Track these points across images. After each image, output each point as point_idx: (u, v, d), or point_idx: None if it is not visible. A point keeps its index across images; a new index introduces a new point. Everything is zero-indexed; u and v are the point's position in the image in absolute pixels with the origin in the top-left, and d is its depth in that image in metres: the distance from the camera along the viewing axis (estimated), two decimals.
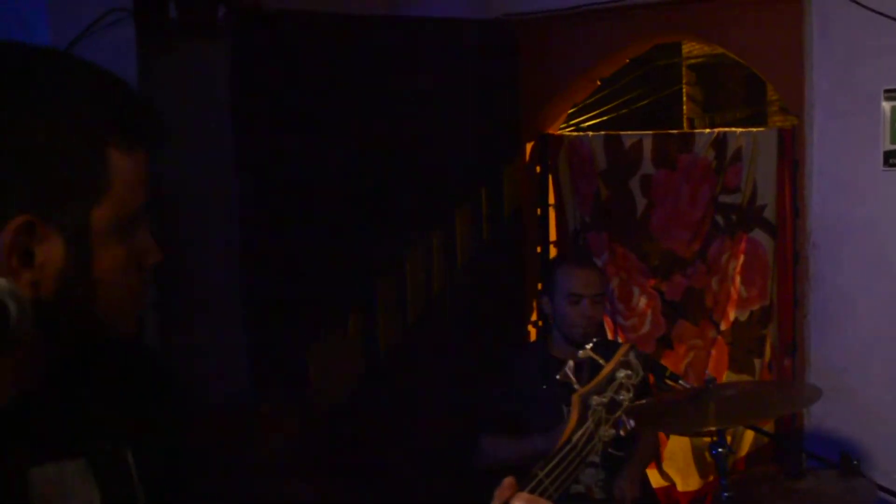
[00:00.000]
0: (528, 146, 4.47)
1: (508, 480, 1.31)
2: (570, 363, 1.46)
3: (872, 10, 3.41)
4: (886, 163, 3.50)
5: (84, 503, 1.03)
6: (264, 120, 3.51)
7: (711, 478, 4.23)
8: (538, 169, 4.52)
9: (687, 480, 4.33)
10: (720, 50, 4.41)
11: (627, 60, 4.39)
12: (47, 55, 1.02)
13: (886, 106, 3.46)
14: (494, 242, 4.19)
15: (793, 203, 3.93)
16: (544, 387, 3.28)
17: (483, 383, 3.46)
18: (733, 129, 4.16)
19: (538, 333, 4.48)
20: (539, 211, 4.56)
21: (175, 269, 3.27)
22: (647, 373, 3.37)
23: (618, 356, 1.45)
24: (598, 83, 4.53)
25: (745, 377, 4.16)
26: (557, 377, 1.48)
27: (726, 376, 4.18)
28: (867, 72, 3.50)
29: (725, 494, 2.79)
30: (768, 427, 4.05)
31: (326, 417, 3.60)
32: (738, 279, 4.12)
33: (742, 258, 4.10)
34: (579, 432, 1.38)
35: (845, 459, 3.26)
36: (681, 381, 3.17)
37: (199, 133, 3.36)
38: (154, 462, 1.12)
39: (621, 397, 1.43)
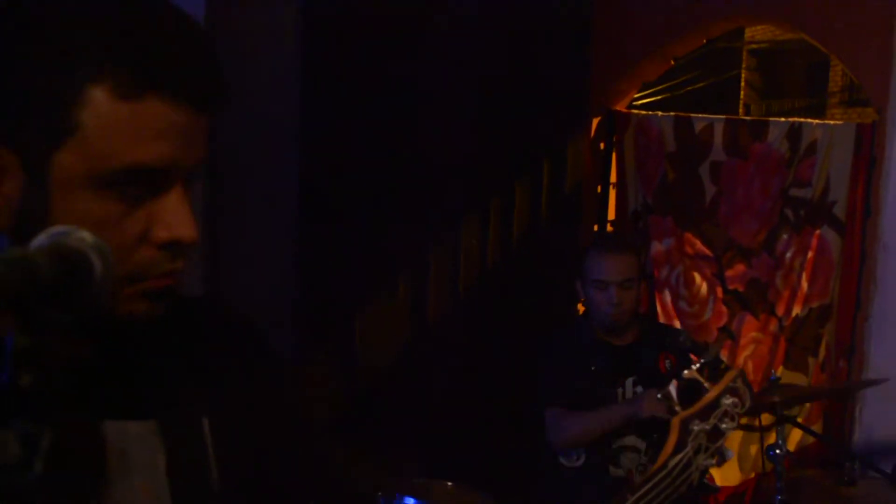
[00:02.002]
0: (595, 121, 4.37)
1: None
2: (674, 382, 1.37)
3: None
4: None
5: (144, 465, 0.98)
6: (333, 83, 3.44)
7: (753, 475, 4.16)
8: (602, 146, 4.43)
9: (726, 475, 4.26)
10: (784, 36, 4.28)
11: (704, 41, 4.27)
12: None
13: None
14: (552, 217, 4.11)
15: (865, 201, 3.82)
16: (592, 368, 3.22)
17: (537, 360, 3.39)
18: (809, 120, 4.03)
19: (584, 311, 4.41)
20: (599, 189, 4.47)
21: (230, 226, 3.24)
22: (693, 356, 3.29)
23: (725, 381, 1.37)
24: (672, 63, 4.41)
25: (798, 375, 4.07)
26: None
27: (780, 372, 4.09)
28: None
29: (779, 497, 2.71)
30: (817, 427, 3.98)
31: (370, 383, 3.57)
32: (804, 275, 4.02)
33: (810, 254, 4.00)
34: (676, 458, 1.30)
35: None
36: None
37: (264, 93, 3.30)
38: (234, 433, 1.06)
39: (725, 426, 1.34)
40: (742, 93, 18.04)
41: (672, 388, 1.37)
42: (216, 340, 1.10)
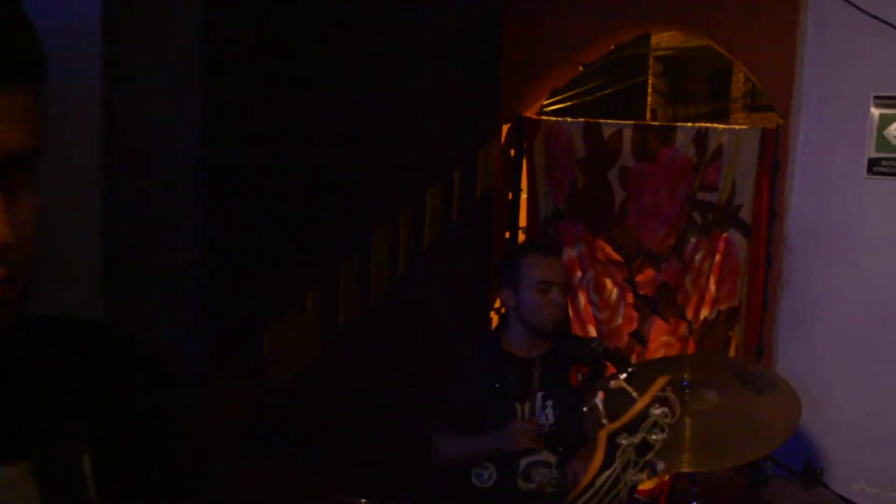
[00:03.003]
0: (505, 128, 4.35)
1: None
2: (601, 394, 1.31)
3: (869, 14, 3.34)
4: (870, 170, 3.44)
5: None
6: (234, 83, 3.33)
7: (667, 477, 4.17)
8: (513, 152, 4.41)
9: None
10: (689, 43, 4.35)
11: (612, 47, 4.29)
12: None
13: (875, 112, 3.40)
14: (463, 225, 4.07)
15: (770, 205, 3.87)
16: (497, 385, 3.18)
17: (439, 378, 3.35)
18: (716, 125, 4.07)
19: (499, 322, 4.39)
20: (510, 195, 4.45)
21: (127, 237, 3.11)
22: (608, 364, 3.29)
23: (654, 389, 1.30)
24: (581, 69, 4.42)
25: None
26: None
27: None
28: (858, 77, 3.45)
29: (694, 502, 2.71)
30: None
31: (280, 396, 3.47)
32: (712, 279, 4.06)
33: (718, 257, 4.04)
34: (604, 475, 1.23)
35: (808, 468, 3.23)
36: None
37: (165, 92, 3.18)
38: (119, 469, 0.96)
39: (654, 437, 1.28)
40: (649, 98, 18.40)
41: (599, 401, 1.31)
42: (97, 366, 1.01)
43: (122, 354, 1.07)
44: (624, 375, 1.35)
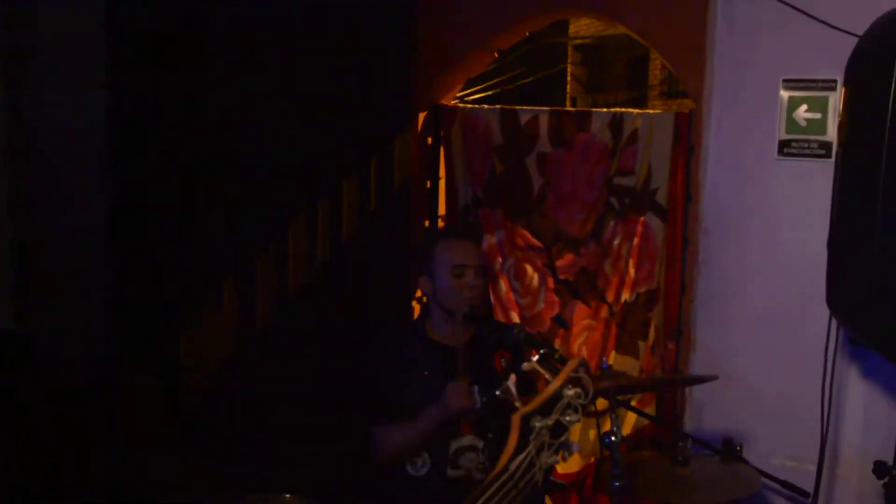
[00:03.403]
0: (421, 116, 4.31)
1: None
2: (513, 377, 1.28)
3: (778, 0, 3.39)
4: (781, 152, 3.49)
5: None
6: (141, 71, 3.23)
7: (592, 459, 4.21)
8: (430, 140, 4.37)
9: (567, 461, 4.29)
10: (607, 31, 4.37)
11: (527, 34, 4.28)
12: None
13: (784, 95, 3.45)
14: (382, 214, 4.04)
15: (685, 188, 3.91)
16: (426, 372, 3.15)
17: (369, 370, 3.30)
18: (630, 109, 4.10)
19: (422, 311, 4.35)
20: (429, 183, 4.41)
21: (35, 235, 3.00)
22: (531, 349, 3.29)
23: (566, 371, 1.28)
24: (496, 55, 4.40)
25: (630, 359, 4.14)
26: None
27: (612, 357, 4.16)
28: (767, 61, 3.49)
29: (617, 484, 2.71)
30: (650, 409, 4.05)
31: (198, 394, 3.39)
32: (631, 262, 4.09)
33: (636, 241, 4.07)
34: (518, 458, 1.20)
35: (727, 445, 3.26)
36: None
37: (71, 82, 3.07)
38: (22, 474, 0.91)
39: (568, 419, 1.26)
40: (568, 87, 18.54)
41: (511, 384, 1.28)
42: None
43: (25, 364, 1.02)
44: (536, 358, 1.32)
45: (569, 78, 18.39)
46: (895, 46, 2.42)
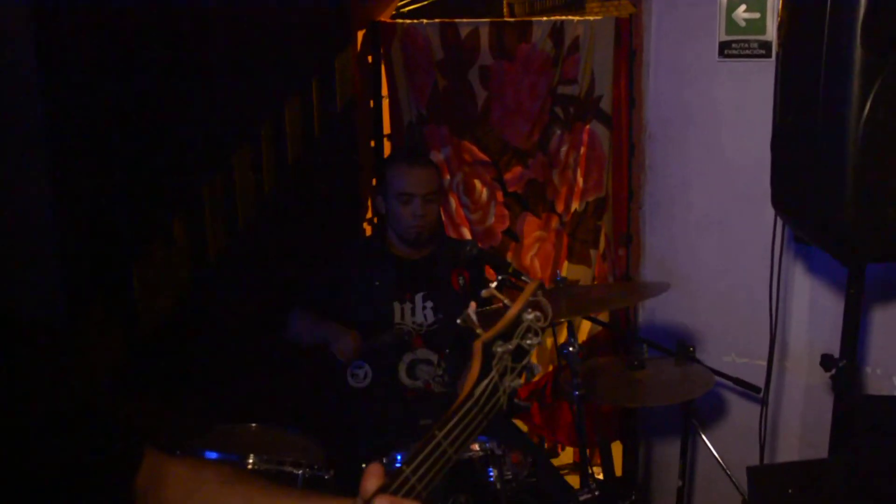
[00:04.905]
0: (360, 35, 4.23)
1: (374, 468, 1.15)
2: (472, 305, 1.29)
3: None
4: (721, 53, 3.50)
5: None
6: (76, 14, 3.11)
7: (551, 367, 4.29)
8: (370, 59, 4.30)
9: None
10: None
11: None
12: None
13: None
14: (327, 137, 3.98)
15: (629, 94, 3.91)
16: (377, 283, 3.20)
17: (312, 264, 3.36)
18: (571, 17, 4.06)
19: (373, 230, 4.35)
20: (372, 103, 4.36)
21: None
22: (486, 265, 3.32)
23: (525, 295, 1.29)
24: None
25: (582, 268, 4.19)
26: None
27: (565, 267, 4.20)
28: None
29: (577, 393, 2.78)
30: (604, 315, 4.13)
31: (153, 332, 3.37)
32: (579, 171, 4.10)
33: (583, 150, 4.08)
34: (482, 384, 1.23)
35: (681, 347, 3.35)
36: (523, 278, 3.13)
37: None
38: None
39: (529, 342, 1.28)
40: None
41: (471, 312, 1.29)
42: None
43: None
44: (494, 284, 1.33)
45: None
46: None
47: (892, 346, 3.35)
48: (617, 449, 4.29)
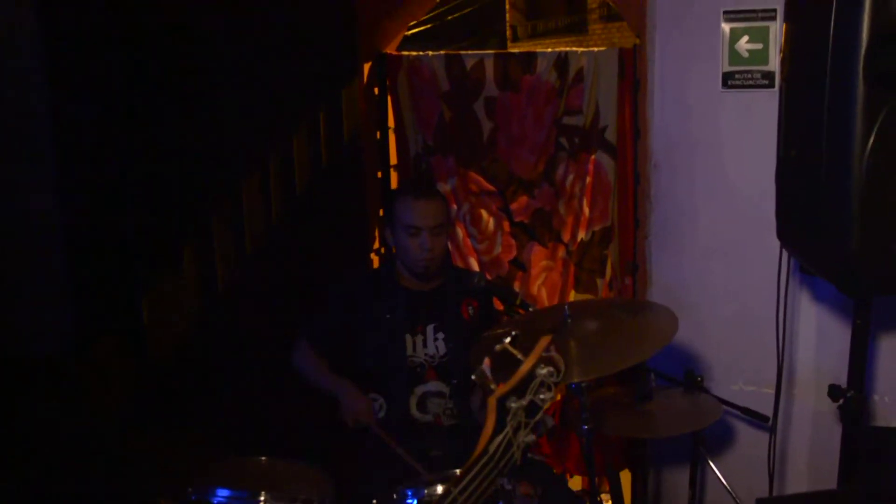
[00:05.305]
0: (367, 67, 4.27)
1: None
2: (487, 360, 1.31)
3: None
4: (725, 84, 3.52)
5: None
6: (81, 31, 3.14)
7: (559, 396, 4.29)
8: (377, 91, 4.34)
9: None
10: None
11: None
12: None
13: (725, 27, 3.47)
14: (333, 168, 4.02)
15: (633, 124, 3.94)
16: (388, 316, 3.20)
17: (325, 292, 3.38)
18: (575, 48, 4.10)
19: (381, 261, 4.38)
20: (378, 134, 4.40)
21: None
22: (494, 298, 3.34)
23: (538, 350, 1.31)
24: (437, 0, 4.37)
25: (589, 297, 4.21)
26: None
27: (572, 296, 4.22)
28: None
29: (585, 427, 2.79)
30: None
31: (163, 362, 3.39)
32: (584, 201, 4.13)
33: (588, 179, 4.11)
34: (497, 440, 1.24)
35: (689, 376, 3.36)
36: (530, 309, 3.15)
37: (7, 51, 2.98)
38: None
39: (542, 397, 1.29)
40: (507, 14, 18.39)
41: (486, 368, 1.31)
42: None
43: None
44: (508, 339, 1.35)
45: (507, 6, 18.25)
46: None
47: None
48: (626, 477, 4.29)
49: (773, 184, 2.81)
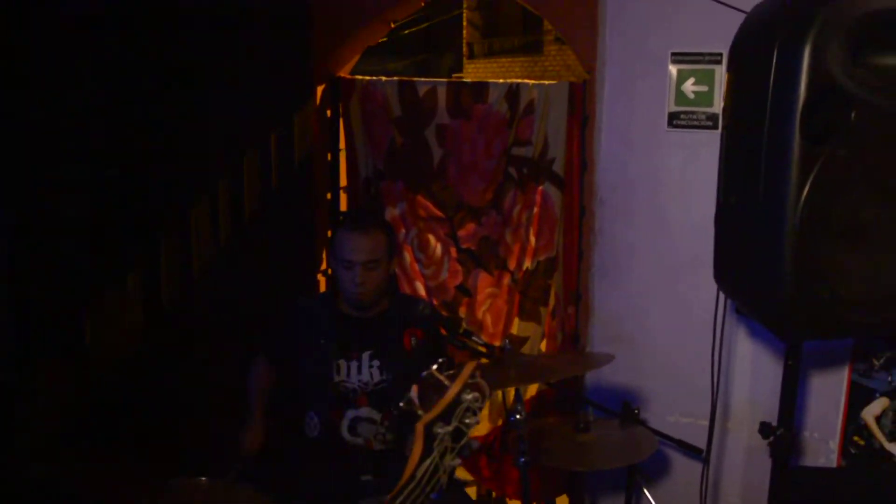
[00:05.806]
0: (320, 89, 4.30)
1: None
2: (414, 388, 1.35)
3: None
4: (671, 123, 3.61)
5: None
6: (17, 52, 3.12)
7: (500, 422, 4.35)
8: (329, 113, 4.37)
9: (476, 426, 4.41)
10: None
11: (423, 3, 4.29)
12: None
13: (673, 69, 3.57)
14: (284, 190, 4.03)
15: (581, 157, 4.01)
16: (322, 341, 3.23)
17: (270, 315, 3.43)
18: (526, 80, 4.17)
19: (328, 284, 4.40)
20: (329, 156, 4.42)
21: None
22: (439, 327, 3.37)
23: (464, 377, 1.35)
24: (392, 25, 4.41)
25: (532, 324, 4.27)
26: (401, 406, 1.38)
27: (516, 324, 4.28)
28: (657, 35, 3.59)
29: (523, 459, 2.84)
30: None
31: (104, 381, 3.37)
32: (531, 230, 4.19)
33: (536, 210, 4.17)
34: (424, 465, 1.29)
35: (626, 409, 3.44)
36: (474, 338, 3.19)
37: None
38: None
39: (468, 421, 1.34)
40: (465, 31, 18.50)
41: (413, 395, 1.35)
42: None
43: None
44: (435, 366, 1.40)
45: (465, 23, 18.37)
46: (774, 33, 2.53)
47: (829, 412, 3.46)
48: (563, 503, 4.36)
49: (713, 225, 2.89)
